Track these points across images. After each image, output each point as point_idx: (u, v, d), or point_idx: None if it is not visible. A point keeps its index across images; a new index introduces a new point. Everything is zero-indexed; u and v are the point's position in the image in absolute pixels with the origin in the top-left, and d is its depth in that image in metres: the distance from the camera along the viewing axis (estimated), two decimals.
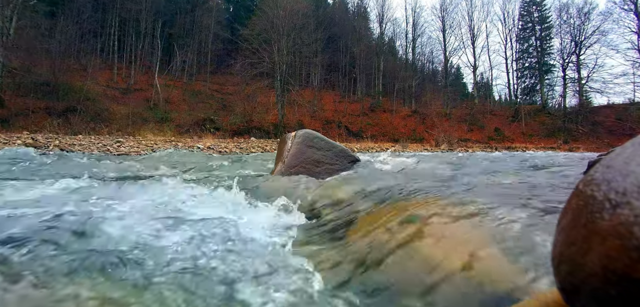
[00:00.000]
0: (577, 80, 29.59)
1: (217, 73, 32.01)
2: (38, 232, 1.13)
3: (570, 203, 0.48)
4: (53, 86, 20.27)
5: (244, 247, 1.18)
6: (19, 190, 2.20)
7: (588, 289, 0.40)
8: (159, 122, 22.15)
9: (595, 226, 0.41)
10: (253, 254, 1.13)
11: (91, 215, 1.37)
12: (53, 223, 1.23)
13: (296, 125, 23.25)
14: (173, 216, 1.47)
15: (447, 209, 1.18)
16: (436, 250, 0.94)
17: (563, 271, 0.45)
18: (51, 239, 1.08)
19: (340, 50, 34.30)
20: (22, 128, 15.58)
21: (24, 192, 2.14)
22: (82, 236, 1.15)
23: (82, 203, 1.69)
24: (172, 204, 1.77)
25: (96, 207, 1.55)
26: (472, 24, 34.76)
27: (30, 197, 1.95)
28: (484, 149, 19.57)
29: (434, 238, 1.00)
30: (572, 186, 0.52)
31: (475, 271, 0.81)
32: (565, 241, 0.46)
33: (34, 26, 20.75)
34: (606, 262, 0.38)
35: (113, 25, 29.53)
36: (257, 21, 26.74)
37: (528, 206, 1.19)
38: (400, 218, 1.22)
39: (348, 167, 3.34)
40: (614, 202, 0.40)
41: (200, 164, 5.87)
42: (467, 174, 2.64)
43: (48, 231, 1.15)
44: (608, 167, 0.46)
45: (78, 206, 1.58)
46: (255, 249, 1.19)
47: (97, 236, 1.16)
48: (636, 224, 0.36)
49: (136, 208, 1.58)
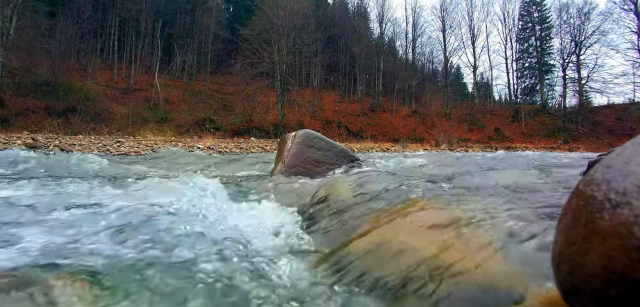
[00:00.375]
0: (577, 80, 29.60)
1: (217, 73, 32.02)
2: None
3: (570, 203, 0.48)
4: (53, 86, 20.27)
5: (244, 246, 1.18)
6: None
7: (588, 289, 0.40)
8: (159, 122, 22.15)
9: (595, 226, 0.41)
10: (253, 253, 1.13)
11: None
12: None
13: (296, 125, 23.24)
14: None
15: (447, 209, 1.18)
16: (436, 250, 0.94)
17: (563, 271, 0.45)
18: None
19: (340, 50, 34.30)
20: (22, 128, 15.58)
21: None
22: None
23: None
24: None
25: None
26: (472, 24, 34.80)
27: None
28: (484, 149, 19.57)
29: (434, 238, 1.00)
30: (567, 185, 0.52)
31: (476, 271, 0.81)
32: (565, 241, 0.46)
33: (34, 26, 20.75)
34: (606, 262, 0.37)
35: (113, 25, 29.53)
36: (257, 21, 26.74)
37: (528, 205, 1.19)
38: (400, 218, 1.22)
39: (348, 167, 3.34)
40: (614, 202, 0.40)
41: (199, 164, 5.88)
42: (467, 174, 2.64)
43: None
44: (608, 167, 0.46)
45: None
46: (255, 248, 1.19)
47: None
48: (636, 224, 0.36)
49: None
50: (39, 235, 1.14)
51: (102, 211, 1.42)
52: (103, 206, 1.52)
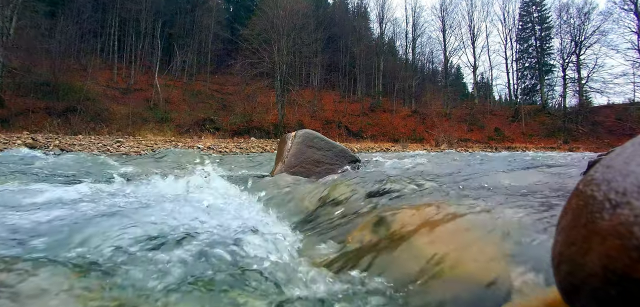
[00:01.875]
0: (577, 80, 29.61)
1: (217, 73, 32.03)
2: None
3: (570, 203, 0.48)
4: (53, 86, 20.27)
5: (244, 246, 1.18)
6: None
7: (588, 289, 0.40)
8: (159, 122, 22.16)
9: (595, 226, 0.40)
10: (252, 252, 1.13)
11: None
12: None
13: (296, 125, 23.25)
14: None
15: (446, 209, 1.18)
16: (436, 250, 0.94)
17: (563, 271, 0.45)
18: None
19: (340, 50, 34.31)
20: (22, 128, 15.58)
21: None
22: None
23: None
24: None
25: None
26: (472, 24, 34.81)
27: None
28: (484, 149, 19.58)
29: (433, 238, 1.00)
30: (565, 183, 0.52)
31: (476, 271, 0.81)
32: (565, 241, 0.46)
33: (34, 26, 20.76)
34: (606, 262, 0.37)
35: (113, 25, 29.54)
36: (257, 21, 26.75)
37: (528, 205, 1.20)
38: (400, 218, 1.22)
39: (348, 167, 3.34)
40: (614, 202, 0.40)
41: (200, 164, 5.87)
42: (466, 174, 2.64)
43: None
44: (608, 167, 0.46)
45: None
46: (255, 247, 1.19)
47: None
48: (636, 224, 0.36)
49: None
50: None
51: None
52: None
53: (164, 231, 1.22)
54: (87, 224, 1.30)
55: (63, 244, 1.11)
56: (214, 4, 33.52)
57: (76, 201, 1.79)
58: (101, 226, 1.25)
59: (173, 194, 2.01)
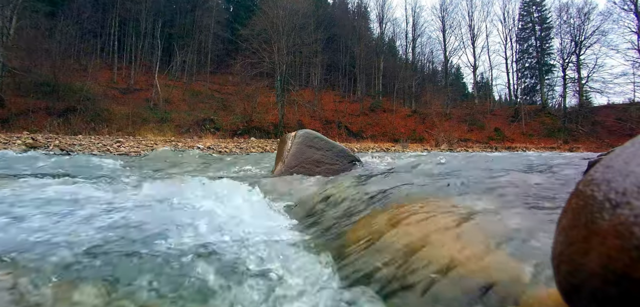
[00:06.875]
0: (577, 80, 29.60)
1: (217, 73, 32.01)
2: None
3: (570, 203, 0.48)
4: (53, 86, 20.25)
5: (244, 246, 1.18)
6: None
7: (588, 289, 0.40)
8: (159, 122, 22.14)
9: (595, 226, 0.40)
10: (252, 251, 1.13)
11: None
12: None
13: (296, 125, 23.24)
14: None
15: (446, 209, 1.18)
16: (436, 250, 0.94)
17: (563, 271, 0.45)
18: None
19: (340, 50, 34.29)
20: (22, 128, 15.58)
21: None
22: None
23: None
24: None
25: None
26: (472, 24, 34.81)
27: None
28: (484, 149, 19.57)
29: (433, 238, 1.00)
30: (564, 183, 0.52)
31: (476, 271, 0.81)
32: (565, 241, 0.46)
33: (34, 26, 20.74)
34: (606, 262, 0.37)
35: (113, 25, 29.52)
36: (257, 21, 26.71)
37: (528, 205, 1.20)
38: (400, 218, 1.22)
39: (348, 167, 3.34)
40: (614, 202, 0.40)
41: (199, 164, 5.88)
42: (466, 174, 2.64)
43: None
44: (608, 167, 0.46)
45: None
46: (255, 246, 1.19)
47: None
48: (636, 224, 0.36)
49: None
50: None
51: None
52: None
53: (161, 235, 1.22)
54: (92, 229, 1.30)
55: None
56: (214, 4, 33.51)
57: (73, 201, 1.79)
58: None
59: (169, 197, 2.01)
